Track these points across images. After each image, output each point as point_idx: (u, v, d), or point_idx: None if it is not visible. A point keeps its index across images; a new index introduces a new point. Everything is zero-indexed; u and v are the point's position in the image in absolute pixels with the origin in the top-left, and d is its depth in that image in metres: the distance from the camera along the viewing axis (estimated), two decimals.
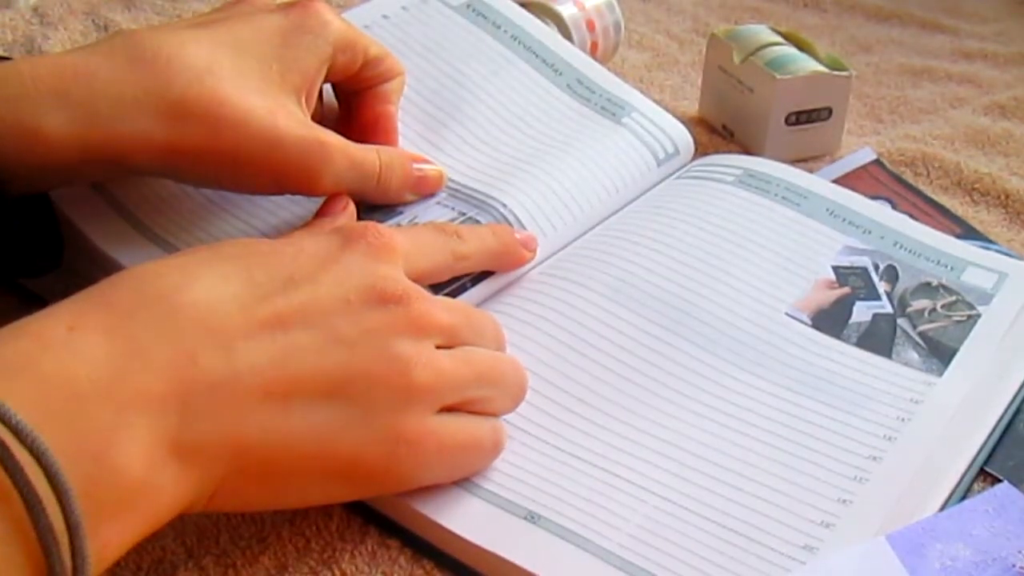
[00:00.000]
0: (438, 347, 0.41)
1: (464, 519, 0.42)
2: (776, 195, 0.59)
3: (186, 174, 0.49)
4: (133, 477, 0.34)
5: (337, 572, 0.42)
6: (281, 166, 0.48)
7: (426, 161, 0.55)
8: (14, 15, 0.79)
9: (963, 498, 0.45)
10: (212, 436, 0.36)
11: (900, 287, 0.55)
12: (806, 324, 0.52)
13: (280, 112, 0.48)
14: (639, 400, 0.47)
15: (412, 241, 0.45)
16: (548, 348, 0.49)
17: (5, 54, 0.74)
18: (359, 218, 0.50)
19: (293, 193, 0.50)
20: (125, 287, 0.37)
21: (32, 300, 0.52)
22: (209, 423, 0.36)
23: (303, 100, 0.50)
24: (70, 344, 0.34)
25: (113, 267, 0.49)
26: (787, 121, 0.68)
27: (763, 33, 0.72)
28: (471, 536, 0.41)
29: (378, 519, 0.44)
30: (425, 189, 0.54)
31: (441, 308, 0.42)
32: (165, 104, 0.45)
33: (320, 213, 0.49)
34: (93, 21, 0.80)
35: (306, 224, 0.49)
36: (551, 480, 0.44)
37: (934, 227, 0.60)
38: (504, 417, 0.45)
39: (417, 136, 0.58)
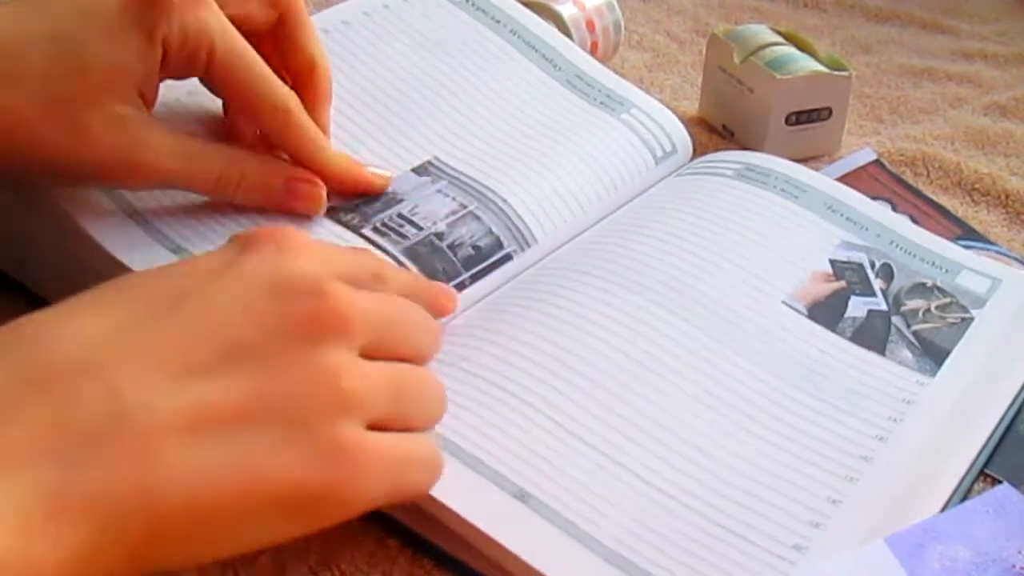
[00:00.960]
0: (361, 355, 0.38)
1: (454, 491, 0.41)
2: (775, 187, 0.59)
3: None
4: (5, 555, 0.29)
5: (336, 572, 0.42)
6: (92, 182, 0.46)
7: (307, 179, 0.50)
8: None
9: (963, 500, 0.45)
10: (108, 485, 0.31)
11: (895, 286, 0.55)
12: (802, 314, 0.52)
13: (88, 127, 0.45)
14: (635, 377, 0.47)
15: (328, 248, 0.41)
16: (547, 326, 0.49)
17: None
18: (354, 207, 0.50)
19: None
20: None
21: (35, 301, 0.52)
22: (101, 471, 0.31)
23: (135, 96, 0.46)
24: None
25: (115, 264, 0.48)
26: (787, 121, 0.68)
27: (763, 33, 0.72)
28: (460, 509, 0.41)
29: (378, 517, 0.43)
30: (294, 206, 0.50)
31: (364, 296, 0.38)
32: None
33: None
34: None
35: None
36: (544, 457, 0.43)
37: (934, 227, 0.60)
38: (506, 389, 0.45)
39: (418, 121, 0.58)
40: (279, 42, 0.52)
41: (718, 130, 0.73)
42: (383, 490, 0.37)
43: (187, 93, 0.53)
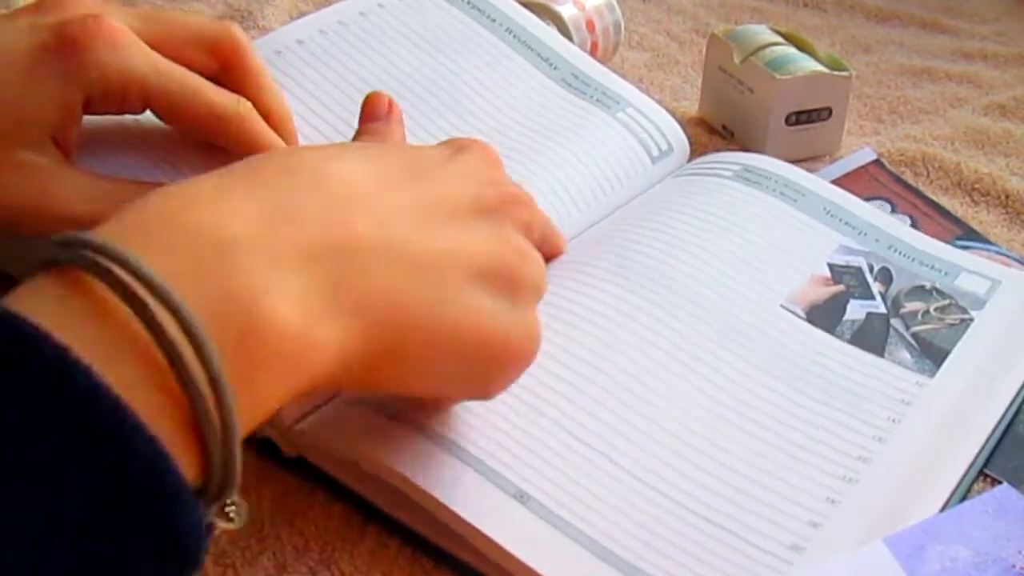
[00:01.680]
0: None
1: (455, 491, 0.41)
2: (774, 190, 0.59)
3: None
4: (288, 329, 0.32)
5: (336, 572, 0.42)
6: (6, 229, 0.45)
7: None
8: None
9: (962, 500, 0.45)
10: (374, 296, 0.35)
11: (894, 289, 0.55)
12: (800, 317, 0.52)
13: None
14: (633, 379, 0.47)
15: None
16: (546, 326, 0.48)
17: None
18: None
19: None
20: (269, 162, 0.37)
21: None
22: (371, 281, 0.35)
23: (47, 143, 0.45)
24: (218, 202, 0.33)
25: None
26: (787, 121, 0.68)
27: (763, 33, 0.72)
28: (460, 509, 0.41)
29: (378, 517, 0.44)
30: None
31: (533, 210, 0.45)
32: None
33: (363, 118, 0.48)
34: None
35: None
36: (544, 458, 0.43)
37: (934, 227, 0.60)
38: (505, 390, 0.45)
39: (413, 123, 0.58)
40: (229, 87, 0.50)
41: (718, 130, 0.73)
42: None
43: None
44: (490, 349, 0.39)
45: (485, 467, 0.43)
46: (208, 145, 0.50)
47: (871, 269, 0.56)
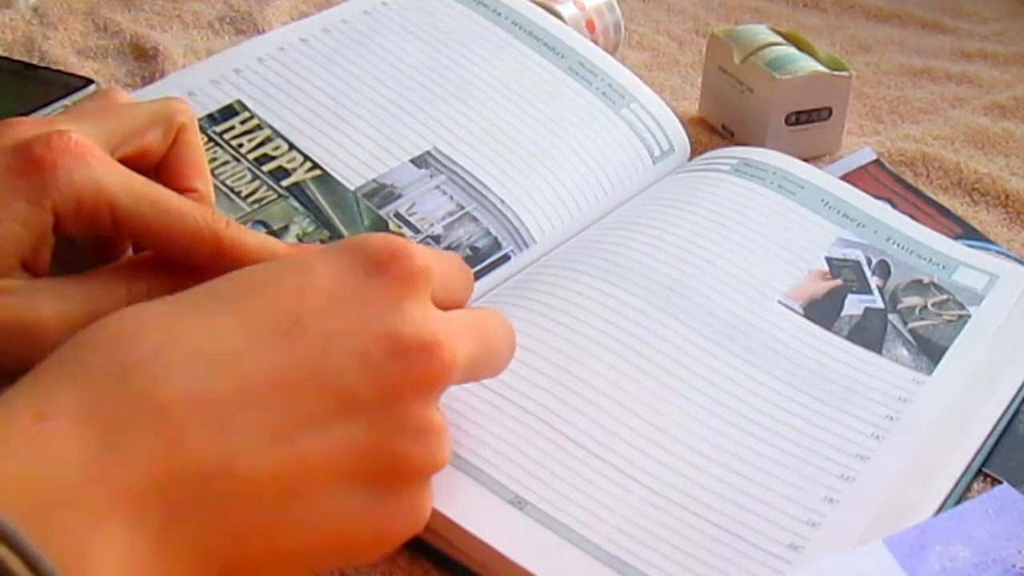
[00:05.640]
0: None
1: (452, 499, 0.41)
2: (772, 183, 0.59)
3: None
4: None
5: (336, 572, 0.42)
6: None
7: None
8: (14, 15, 0.79)
9: (960, 499, 0.45)
10: (205, 531, 0.32)
11: (892, 283, 0.55)
12: (798, 313, 0.52)
13: None
14: (630, 378, 0.47)
15: (441, 265, 0.39)
16: (541, 327, 0.49)
17: (5, 54, 0.74)
18: None
19: None
20: (96, 354, 0.33)
21: None
22: (201, 516, 0.32)
23: (16, 268, 0.40)
24: (35, 439, 0.30)
25: None
26: (787, 121, 0.68)
27: (763, 33, 0.71)
28: (459, 519, 0.41)
29: None
30: None
31: (466, 342, 0.37)
32: None
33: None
34: (93, 21, 0.80)
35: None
36: (539, 462, 0.43)
37: (934, 227, 0.60)
38: (500, 393, 0.45)
39: (418, 111, 0.58)
40: (168, 165, 0.46)
41: (718, 130, 0.73)
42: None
43: None
44: (361, 544, 0.36)
45: (481, 473, 0.42)
46: None
47: (869, 262, 0.56)
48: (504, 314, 0.42)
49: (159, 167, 0.45)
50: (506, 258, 0.54)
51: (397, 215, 0.53)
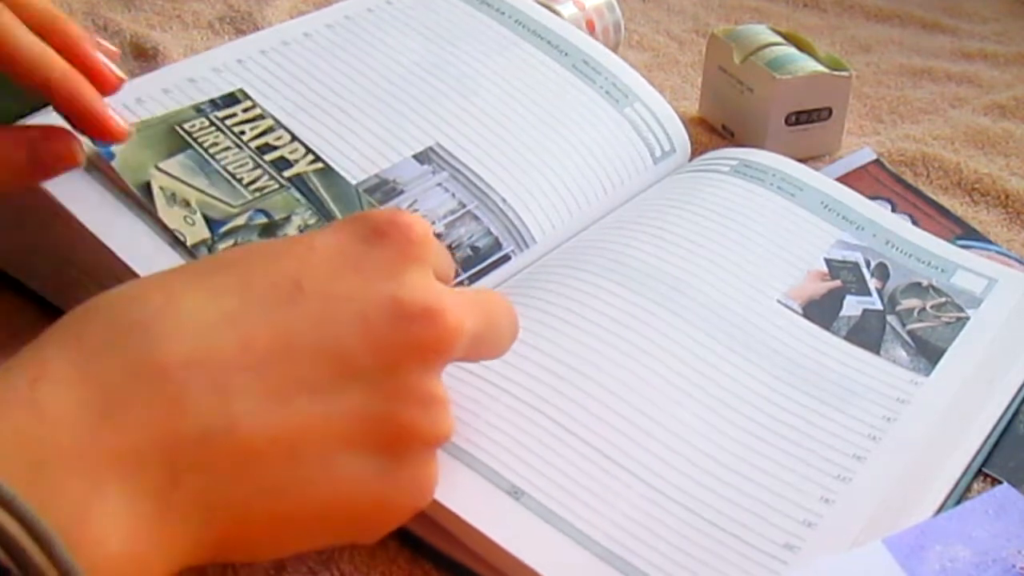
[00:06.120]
0: None
1: (449, 488, 0.41)
2: (772, 185, 0.59)
3: None
4: (111, 552, 0.29)
5: (336, 572, 0.42)
6: None
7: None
8: None
9: (960, 499, 0.45)
10: (210, 493, 0.32)
11: (890, 285, 0.55)
12: (797, 313, 0.52)
13: None
14: (629, 375, 0.47)
15: (436, 243, 0.39)
16: (542, 323, 0.48)
17: None
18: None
19: None
20: (96, 320, 0.32)
21: (33, 298, 0.52)
22: (202, 479, 0.31)
23: None
24: (33, 401, 0.30)
25: (114, 261, 0.48)
26: (787, 121, 0.68)
27: (763, 33, 0.72)
28: (455, 508, 0.41)
29: None
30: (49, 173, 0.45)
31: (470, 315, 0.36)
32: None
33: None
34: (93, 21, 0.80)
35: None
36: (538, 454, 0.43)
37: (934, 227, 0.60)
38: (499, 386, 0.45)
39: (420, 106, 0.58)
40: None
41: (718, 130, 0.73)
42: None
43: None
44: (366, 514, 0.35)
45: (478, 463, 0.42)
46: None
47: (868, 264, 0.56)
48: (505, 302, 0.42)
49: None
50: (507, 258, 0.54)
51: None
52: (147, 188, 0.49)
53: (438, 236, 0.52)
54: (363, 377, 0.34)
